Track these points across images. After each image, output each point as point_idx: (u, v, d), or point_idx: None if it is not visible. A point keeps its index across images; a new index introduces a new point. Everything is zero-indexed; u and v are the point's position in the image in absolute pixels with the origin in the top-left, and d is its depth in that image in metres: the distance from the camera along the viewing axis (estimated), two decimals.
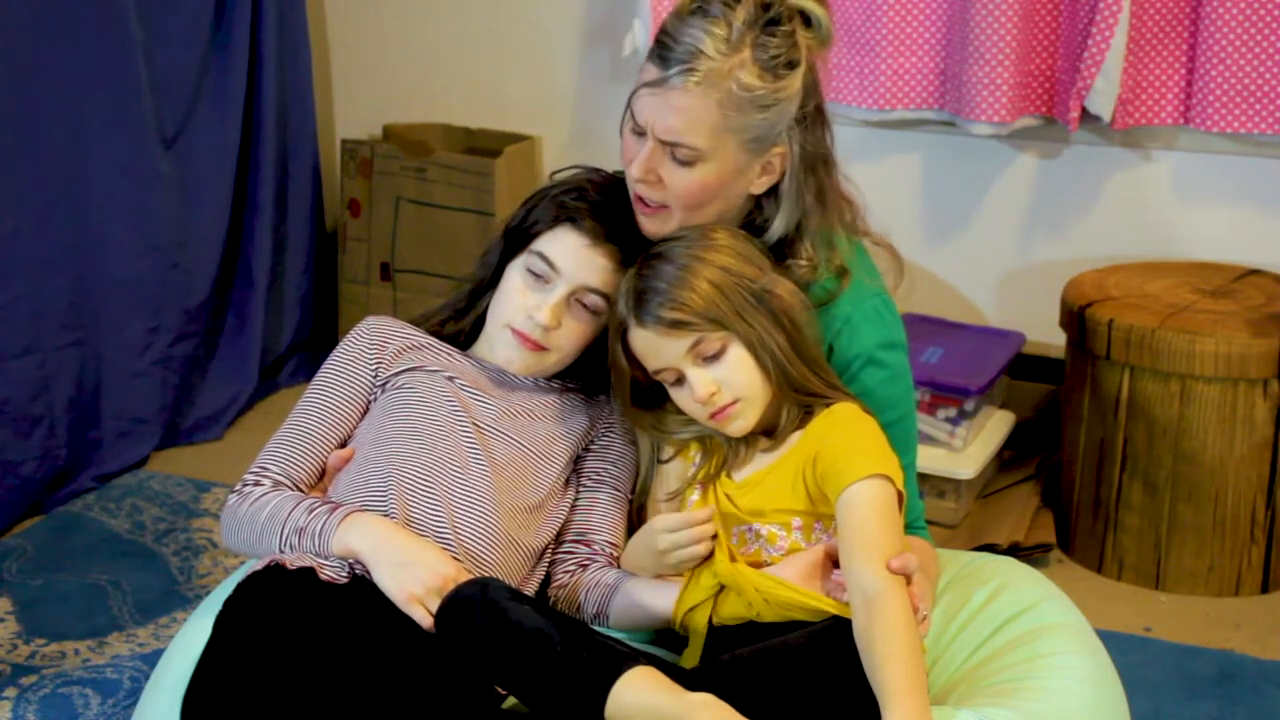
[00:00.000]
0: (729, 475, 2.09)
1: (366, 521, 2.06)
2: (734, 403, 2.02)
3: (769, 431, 2.08)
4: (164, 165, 3.52)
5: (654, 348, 2.03)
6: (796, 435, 2.06)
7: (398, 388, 2.22)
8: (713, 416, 2.03)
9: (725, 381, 2.02)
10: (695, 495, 2.11)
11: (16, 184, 3.16)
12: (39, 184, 3.21)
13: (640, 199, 2.19)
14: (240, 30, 3.67)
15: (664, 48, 2.13)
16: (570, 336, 2.22)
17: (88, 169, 3.32)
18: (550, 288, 2.20)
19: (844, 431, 2.03)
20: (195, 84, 3.60)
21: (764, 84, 2.12)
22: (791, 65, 2.14)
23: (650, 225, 2.21)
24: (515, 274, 2.23)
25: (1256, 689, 2.73)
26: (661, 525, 2.07)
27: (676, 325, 2.01)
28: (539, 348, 2.21)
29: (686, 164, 2.14)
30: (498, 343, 2.24)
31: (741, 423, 2.04)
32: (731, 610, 2.01)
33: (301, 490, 2.18)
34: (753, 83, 2.11)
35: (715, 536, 2.05)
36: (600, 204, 2.22)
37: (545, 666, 1.82)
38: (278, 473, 2.18)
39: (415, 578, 2.00)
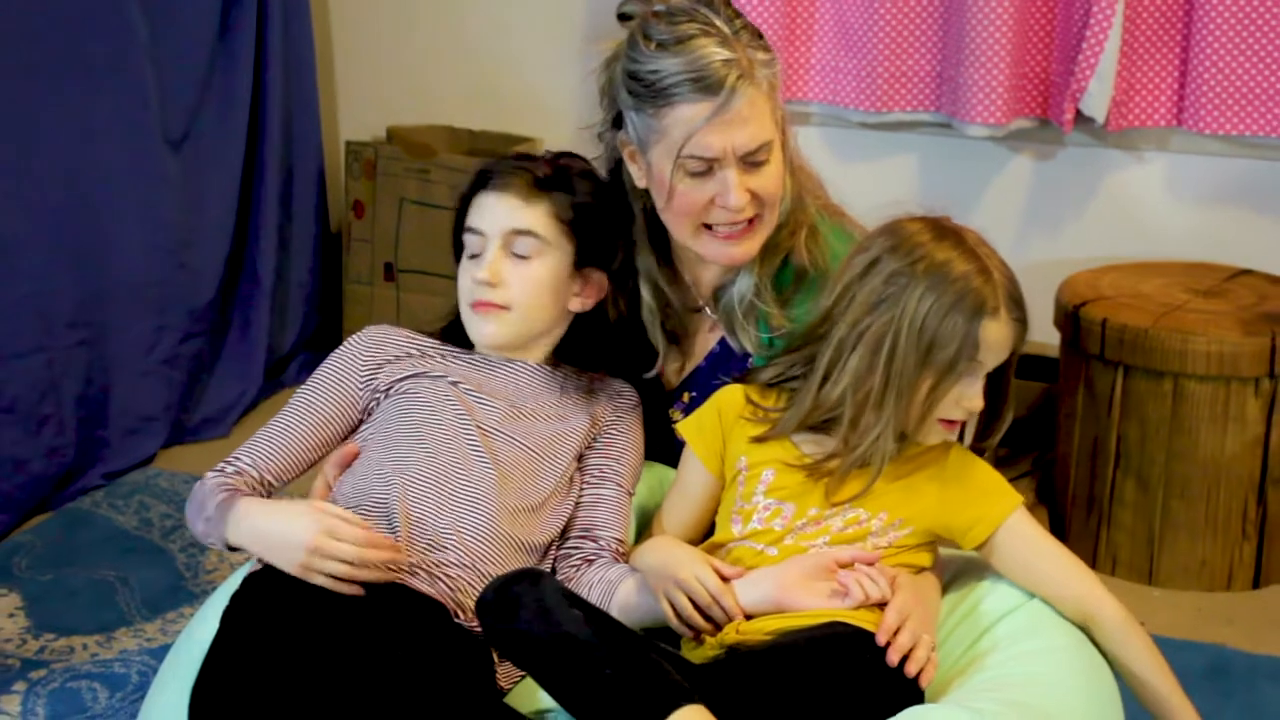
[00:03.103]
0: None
1: (238, 519, 2.07)
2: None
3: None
4: (170, 167, 3.53)
5: (1006, 344, 2.02)
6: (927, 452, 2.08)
7: (402, 393, 2.23)
8: (951, 424, 2.05)
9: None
10: (769, 476, 2.10)
11: (25, 185, 3.17)
12: (47, 185, 3.22)
13: (730, 226, 2.20)
14: (245, 34, 3.68)
15: (685, 84, 2.14)
16: (520, 287, 2.22)
17: (95, 171, 3.33)
18: (483, 250, 2.23)
19: (975, 471, 2.09)
20: (201, 87, 3.60)
21: (767, 54, 2.20)
22: (760, 34, 2.22)
23: (745, 248, 2.24)
24: (461, 262, 2.28)
25: (1248, 683, 2.74)
26: (700, 573, 2.01)
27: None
28: (494, 307, 2.22)
29: (764, 163, 2.19)
30: (470, 329, 2.26)
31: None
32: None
33: (269, 484, 2.18)
34: (765, 58, 2.19)
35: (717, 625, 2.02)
36: (502, 160, 2.28)
37: (592, 687, 1.79)
38: (246, 463, 2.18)
39: (293, 554, 1.99)
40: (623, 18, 2.29)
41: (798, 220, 2.28)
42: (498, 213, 2.23)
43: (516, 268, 2.22)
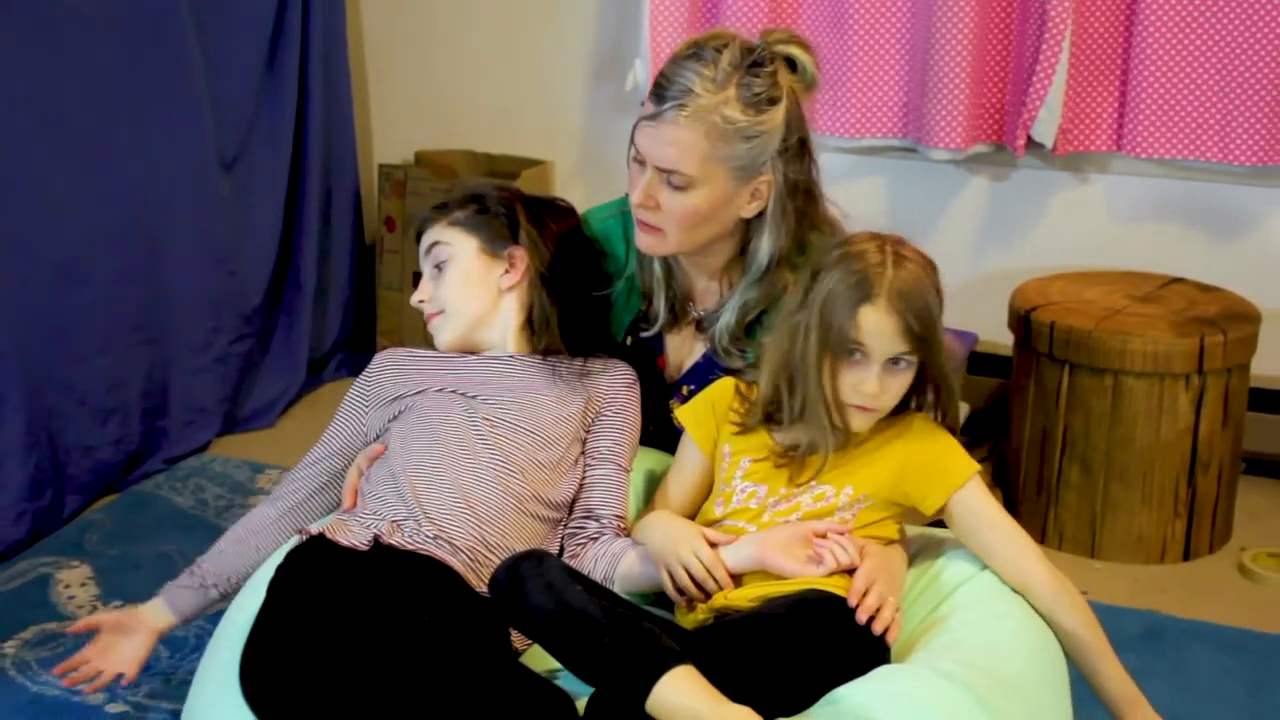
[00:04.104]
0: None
1: None
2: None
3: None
4: (223, 187, 3.54)
5: (886, 333, 1.98)
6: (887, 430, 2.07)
7: (417, 398, 2.26)
8: (860, 409, 2.02)
9: (889, 390, 2.02)
10: (746, 463, 2.11)
11: (94, 204, 3.18)
12: (115, 203, 3.23)
13: (640, 221, 2.21)
14: (290, 68, 3.69)
15: (660, 87, 2.15)
16: (443, 292, 2.31)
17: (157, 190, 3.34)
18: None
19: (935, 441, 2.07)
20: (251, 115, 3.61)
21: (746, 118, 2.13)
22: (773, 101, 2.15)
23: (648, 242, 2.23)
24: None
25: (1178, 645, 2.75)
26: (696, 549, 2.03)
27: (908, 330, 1.98)
28: (434, 316, 2.32)
29: (680, 189, 2.16)
30: (435, 343, 2.35)
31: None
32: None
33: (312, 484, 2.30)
34: (736, 116, 2.13)
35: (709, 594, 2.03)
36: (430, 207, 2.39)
37: (593, 655, 1.80)
38: (299, 478, 2.33)
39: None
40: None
41: (785, 280, 2.23)
42: (424, 243, 2.35)
43: (439, 280, 2.31)
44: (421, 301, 2.32)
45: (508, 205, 2.35)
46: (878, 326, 1.97)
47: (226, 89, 3.51)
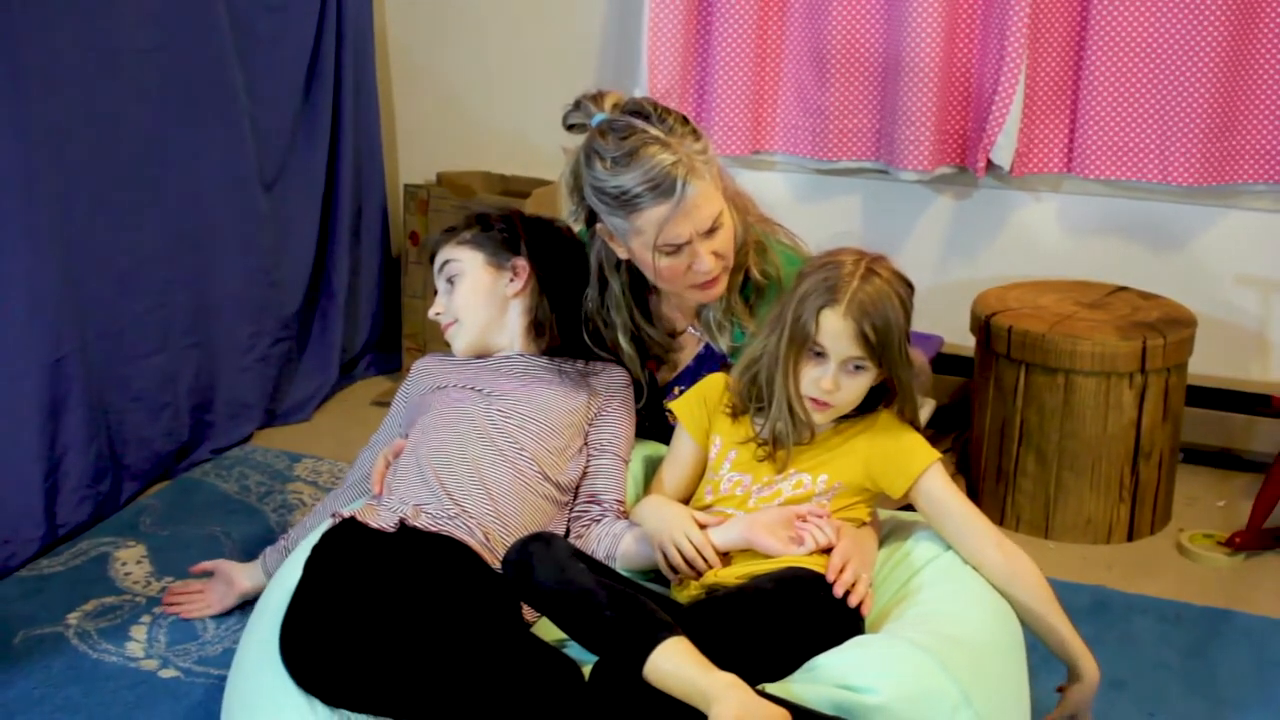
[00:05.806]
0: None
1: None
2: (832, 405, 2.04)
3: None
4: (264, 204, 3.54)
5: (842, 337, 1.98)
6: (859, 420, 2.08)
7: (436, 394, 2.28)
8: (816, 403, 2.01)
9: (845, 389, 2.02)
10: (733, 454, 2.11)
11: (149, 221, 3.18)
12: (168, 220, 3.23)
13: (709, 281, 2.21)
14: (324, 98, 3.69)
15: (646, 194, 2.12)
16: (456, 304, 2.34)
17: (205, 208, 3.34)
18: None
19: (899, 434, 2.07)
20: (289, 140, 3.61)
21: (699, 141, 2.16)
22: (688, 121, 2.18)
23: (719, 288, 2.24)
24: None
25: (1123, 617, 2.76)
26: (688, 531, 2.03)
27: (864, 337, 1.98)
28: (449, 326, 2.34)
29: (719, 228, 2.17)
30: (452, 349, 2.39)
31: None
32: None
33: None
34: (698, 146, 2.16)
35: (700, 572, 2.04)
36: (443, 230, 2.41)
37: (595, 627, 1.80)
38: (361, 461, 2.45)
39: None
40: (570, 127, 2.28)
41: (748, 240, 2.28)
42: (438, 260, 2.38)
43: (452, 293, 2.34)
44: (438, 314, 2.34)
45: (508, 221, 2.37)
46: (835, 330, 1.98)
47: (267, 117, 3.51)
